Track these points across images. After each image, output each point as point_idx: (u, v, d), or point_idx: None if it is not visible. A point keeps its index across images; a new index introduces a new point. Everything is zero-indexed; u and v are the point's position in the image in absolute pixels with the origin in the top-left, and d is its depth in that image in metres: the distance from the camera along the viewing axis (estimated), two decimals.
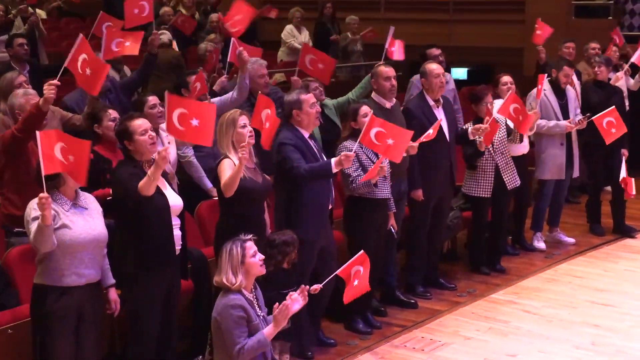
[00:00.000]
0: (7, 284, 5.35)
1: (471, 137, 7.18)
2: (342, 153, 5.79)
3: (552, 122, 8.22)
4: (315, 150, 6.05)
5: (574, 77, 9.27)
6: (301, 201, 5.94)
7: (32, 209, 4.61)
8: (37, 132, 4.51)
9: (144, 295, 5.10)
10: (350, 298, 5.34)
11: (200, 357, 5.69)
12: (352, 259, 5.36)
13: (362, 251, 5.37)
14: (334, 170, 5.81)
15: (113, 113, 6.02)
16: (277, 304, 4.76)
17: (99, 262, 4.85)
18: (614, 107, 7.96)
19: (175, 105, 5.07)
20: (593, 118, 7.96)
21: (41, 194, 4.46)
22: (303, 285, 4.87)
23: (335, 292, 6.33)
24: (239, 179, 5.35)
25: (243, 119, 5.53)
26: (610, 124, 7.82)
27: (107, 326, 5.23)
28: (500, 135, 7.53)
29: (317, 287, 5.38)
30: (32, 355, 4.90)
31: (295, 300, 4.77)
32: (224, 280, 4.76)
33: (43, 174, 4.44)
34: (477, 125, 7.13)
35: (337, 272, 5.27)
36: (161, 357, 5.28)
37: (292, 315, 4.86)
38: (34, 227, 4.55)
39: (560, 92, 8.36)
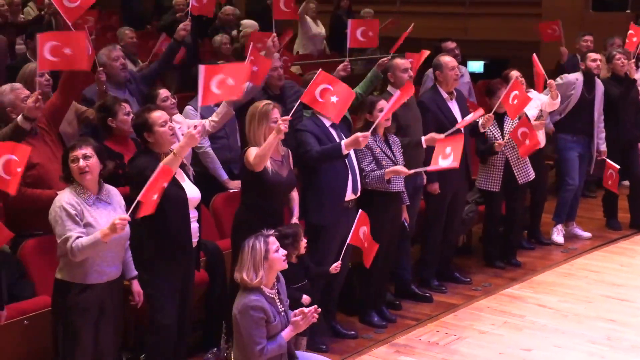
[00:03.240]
0: (22, 274, 5.36)
1: (481, 130, 7.16)
2: (359, 134, 5.77)
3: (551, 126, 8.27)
4: (335, 138, 6.03)
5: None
6: (317, 186, 5.95)
7: (63, 208, 4.59)
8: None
9: (161, 286, 5.11)
10: (371, 259, 5.73)
11: (215, 349, 5.71)
12: (356, 221, 5.49)
13: (360, 211, 5.60)
14: (345, 151, 5.80)
15: (127, 107, 6.03)
16: (297, 310, 4.77)
17: (120, 258, 4.84)
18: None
19: (212, 74, 5.18)
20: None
21: (123, 216, 4.50)
22: (316, 307, 4.83)
23: (348, 285, 6.35)
24: (271, 151, 5.35)
25: (275, 113, 5.53)
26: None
27: (122, 317, 5.24)
28: (511, 129, 7.51)
29: (337, 265, 5.39)
30: (47, 346, 4.92)
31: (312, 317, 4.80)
32: (245, 277, 4.72)
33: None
34: (487, 116, 7.11)
35: (348, 240, 5.49)
36: (175, 349, 5.29)
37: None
38: (78, 235, 4.53)
39: (590, 86, 8.33)
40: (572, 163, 8.46)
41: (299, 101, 5.78)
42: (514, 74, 7.85)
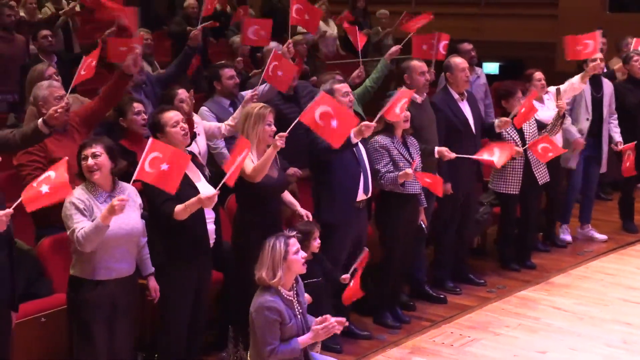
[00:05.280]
0: (41, 273, 5.40)
1: (497, 130, 7.15)
2: (362, 123, 5.76)
3: (572, 129, 8.17)
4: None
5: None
6: (329, 185, 5.97)
7: (72, 203, 4.63)
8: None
9: (176, 287, 5.13)
10: (348, 300, 5.70)
11: (224, 353, 5.71)
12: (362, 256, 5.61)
13: (366, 250, 5.64)
14: (354, 139, 5.79)
15: (138, 106, 6.06)
16: (319, 318, 4.77)
17: (132, 255, 4.85)
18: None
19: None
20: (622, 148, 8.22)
21: (121, 196, 4.52)
22: (344, 319, 4.84)
23: (362, 285, 6.32)
24: (269, 165, 5.36)
25: (270, 117, 5.54)
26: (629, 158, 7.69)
27: (137, 316, 5.26)
28: (531, 131, 7.49)
29: (346, 277, 5.39)
30: (64, 344, 4.95)
31: (340, 325, 4.78)
32: (263, 275, 4.73)
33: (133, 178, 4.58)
34: (502, 119, 7.10)
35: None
36: (188, 348, 5.31)
37: (321, 310, 4.92)
38: (83, 225, 4.56)
39: (597, 85, 8.29)
40: (577, 165, 8.43)
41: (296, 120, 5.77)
42: (539, 75, 7.84)
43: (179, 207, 4.92)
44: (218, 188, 4.93)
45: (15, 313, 4.76)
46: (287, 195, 5.85)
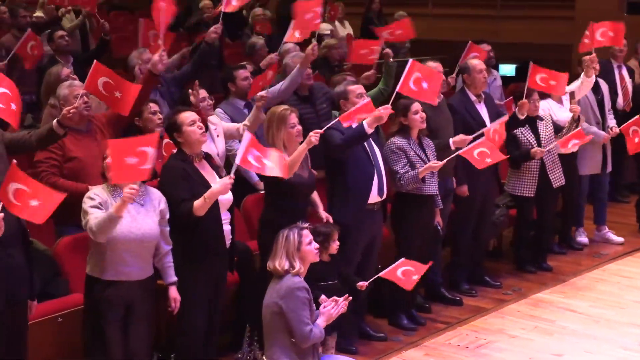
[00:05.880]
0: (57, 273, 5.42)
1: (520, 117, 7.11)
2: (379, 108, 5.77)
3: (593, 129, 8.14)
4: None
5: (626, 75, 9.16)
6: (343, 186, 5.98)
7: (89, 197, 4.67)
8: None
9: (192, 288, 5.13)
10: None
11: (239, 355, 5.72)
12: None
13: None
14: (368, 130, 5.78)
15: (153, 106, 6.08)
16: (328, 301, 4.80)
17: (145, 260, 4.83)
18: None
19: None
20: (621, 128, 7.93)
21: (132, 185, 4.51)
22: (347, 296, 4.87)
23: (377, 287, 6.32)
24: (300, 160, 5.38)
25: (293, 118, 5.56)
26: (636, 133, 7.66)
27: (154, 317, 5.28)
28: (547, 133, 7.47)
29: (363, 284, 5.40)
30: (80, 344, 4.97)
31: (343, 307, 4.84)
32: (277, 265, 4.79)
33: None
34: (520, 102, 7.08)
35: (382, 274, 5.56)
36: (205, 349, 5.32)
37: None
38: (96, 215, 4.59)
39: (596, 88, 8.32)
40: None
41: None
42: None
43: (197, 203, 4.94)
44: (232, 172, 4.95)
45: (34, 303, 4.76)
46: (314, 196, 5.87)
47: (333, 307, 4.83)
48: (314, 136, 5.33)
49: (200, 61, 7.49)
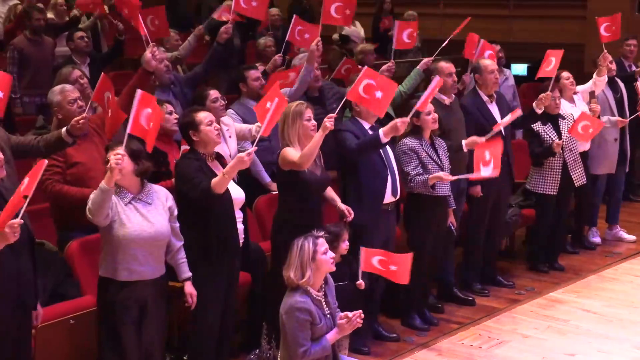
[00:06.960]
0: (68, 275, 5.42)
1: (538, 111, 7.10)
2: (397, 119, 5.76)
3: (605, 118, 8.13)
4: None
5: None
6: (357, 186, 5.97)
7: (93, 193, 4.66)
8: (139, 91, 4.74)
9: (207, 287, 5.12)
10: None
11: (257, 350, 5.72)
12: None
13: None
14: (384, 139, 5.78)
15: (169, 107, 6.09)
16: (343, 313, 4.79)
17: (157, 259, 4.82)
18: None
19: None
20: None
21: (119, 150, 4.48)
22: (361, 312, 4.84)
23: (390, 287, 6.33)
24: (317, 148, 5.36)
25: (308, 112, 5.56)
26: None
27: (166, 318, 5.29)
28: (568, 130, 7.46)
29: (361, 283, 5.37)
30: (93, 346, 4.98)
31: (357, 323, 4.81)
32: (291, 275, 4.75)
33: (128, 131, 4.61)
34: (541, 95, 7.07)
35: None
36: (218, 350, 5.33)
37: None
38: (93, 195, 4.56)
39: (614, 87, 8.26)
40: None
41: (343, 100, 5.78)
42: (567, 74, 7.82)
43: (215, 180, 4.92)
44: (255, 144, 4.95)
45: (39, 311, 4.75)
46: (329, 191, 5.84)
47: (347, 321, 4.78)
48: (329, 121, 5.28)
49: (212, 61, 7.50)
